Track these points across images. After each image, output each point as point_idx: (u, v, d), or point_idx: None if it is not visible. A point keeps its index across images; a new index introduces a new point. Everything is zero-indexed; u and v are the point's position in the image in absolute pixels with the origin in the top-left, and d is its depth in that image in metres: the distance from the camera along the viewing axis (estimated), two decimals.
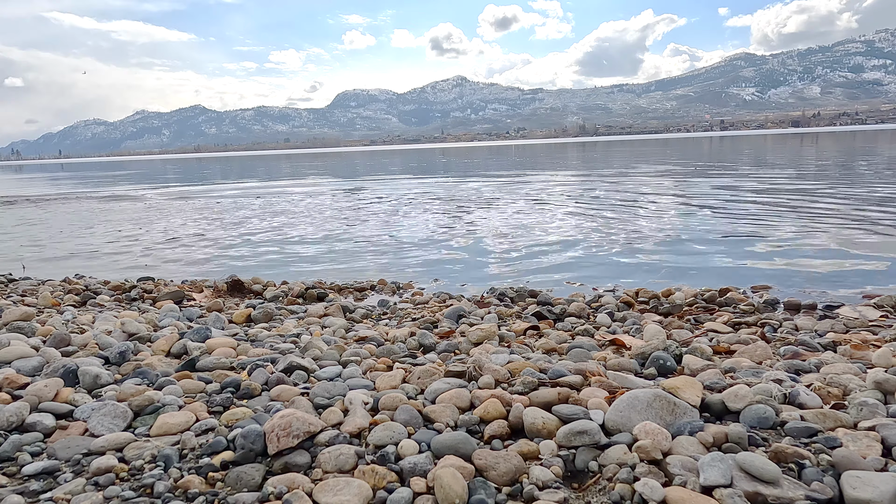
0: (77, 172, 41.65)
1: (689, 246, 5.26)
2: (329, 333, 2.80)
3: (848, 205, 7.40)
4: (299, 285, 3.98)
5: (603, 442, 1.41)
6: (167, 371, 2.05)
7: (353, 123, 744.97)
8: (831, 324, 2.74)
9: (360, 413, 1.61)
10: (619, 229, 6.35)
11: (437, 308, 3.40)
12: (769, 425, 1.49)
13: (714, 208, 7.73)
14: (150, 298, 3.76)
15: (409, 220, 7.88)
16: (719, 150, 32.48)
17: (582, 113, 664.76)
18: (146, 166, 54.43)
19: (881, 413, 1.50)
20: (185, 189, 16.86)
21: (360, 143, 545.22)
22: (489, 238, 6.16)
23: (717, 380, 1.77)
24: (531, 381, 1.77)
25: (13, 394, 1.75)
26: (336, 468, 1.37)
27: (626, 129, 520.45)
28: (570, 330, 2.86)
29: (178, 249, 6.22)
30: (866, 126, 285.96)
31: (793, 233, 5.62)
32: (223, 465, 1.40)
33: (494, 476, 1.33)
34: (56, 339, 2.33)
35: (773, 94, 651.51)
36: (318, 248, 6.05)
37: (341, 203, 10.76)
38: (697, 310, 3.17)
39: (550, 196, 10.37)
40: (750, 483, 1.20)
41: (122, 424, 1.62)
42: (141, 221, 8.93)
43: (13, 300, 3.53)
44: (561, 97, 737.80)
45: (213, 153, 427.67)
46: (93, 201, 13.34)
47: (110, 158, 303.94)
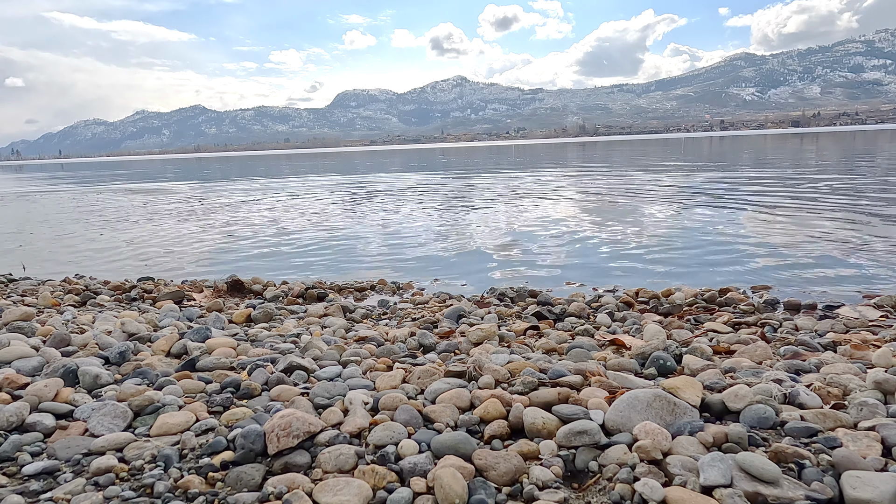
0: (78, 172, 41.65)
1: (689, 246, 5.26)
2: (329, 333, 2.80)
3: (848, 204, 7.40)
4: (299, 285, 3.98)
5: (603, 442, 1.41)
6: (167, 371, 2.05)
7: (353, 123, 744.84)
8: (831, 324, 2.74)
9: (360, 413, 1.60)
10: (619, 229, 6.35)
11: (437, 308, 3.40)
12: (769, 425, 1.49)
13: (714, 208, 7.73)
14: (150, 298, 3.76)
15: (409, 220, 7.87)
16: (719, 150, 32.47)
17: (582, 113, 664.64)
18: (148, 166, 54.47)
19: (881, 413, 1.50)
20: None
21: (360, 144, 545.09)
22: (489, 238, 6.16)
23: (717, 380, 1.77)
24: (531, 381, 1.77)
25: (13, 394, 1.75)
26: (336, 468, 1.37)
27: (626, 129, 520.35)
28: (570, 330, 2.86)
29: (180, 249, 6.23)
30: (866, 126, 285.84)
31: (793, 232, 5.62)
32: (223, 465, 1.39)
33: (494, 476, 1.33)
34: (56, 339, 2.33)
35: (773, 94, 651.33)
36: (317, 247, 6.05)
37: (341, 203, 10.76)
38: (697, 310, 3.17)
39: (550, 196, 10.37)
40: (750, 483, 1.20)
41: (122, 424, 1.62)
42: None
43: (13, 300, 3.53)
44: (561, 97, 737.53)
45: (213, 153, 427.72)
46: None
47: (110, 158, 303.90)
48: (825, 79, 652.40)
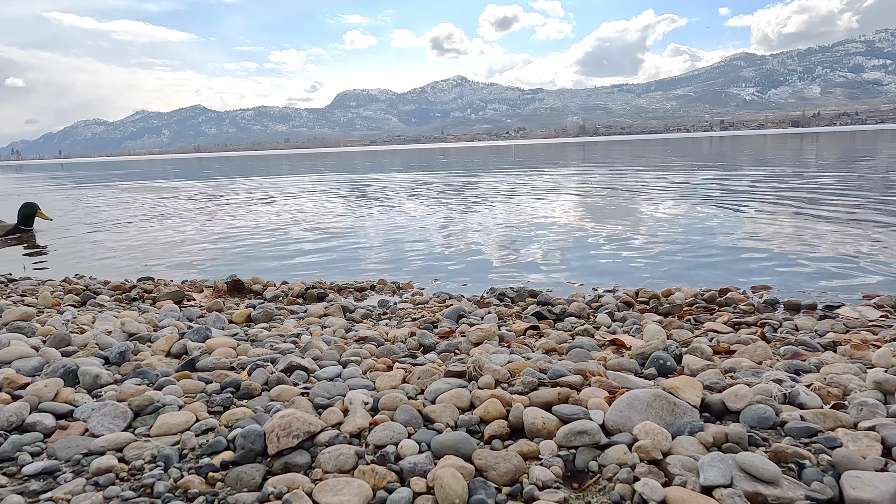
0: (79, 172, 41.64)
1: (689, 246, 5.25)
2: (329, 333, 2.80)
3: (848, 204, 7.40)
4: (299, 285, 3.98)
5: (603, 442, 1.41)
6: (167, 371, 2.05)
7: (353, 123, 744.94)
8: (831, 324, 2.74)
9: (360, 413, 1.61)
10: (619, 229, 6.35)
11: (437, 308, 3.40)
12: (769, 425, 1.49)
13: (714, 208, 7.73)
14: (150, 298, 3.76)
15: (409, 220, 7.87)
16: (719, 150, 32.47)
17: (582, 113, 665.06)
18: (148, 166, 54.48)
19: (881, 413, 1.50)
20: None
21: (360, 144, 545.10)
22: (489, 238, 6.16)
23: (717, 380, 1.77)
24: (531, 381, 1.77)
25: (13, 394, 1.75)
26: (336, 468, 1.37)
27: (626, 129, 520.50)
28: (570, 330, 2.86)
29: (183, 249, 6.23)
30: (866, 126, 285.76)
31: (793, 232, 5.62)
32: (223, 465, 1.40)
33: (494, 476, 1.33)
34: (56, 339, 2.33)
35: (773, 94, 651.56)
36: (317, 247, 6.05)
37: (341, 202, 10.77)
38: (697, 310, 3.17)
39: (550, 195, 10.37)
40: (750, 483, 1.20)
41: (122, 424, 1.62)
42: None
43: (13, 300, 3.53)
44: (561, 97, 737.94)
45: (213, 153, 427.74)
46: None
47: (110, 158, 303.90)
48: (825, 79, 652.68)
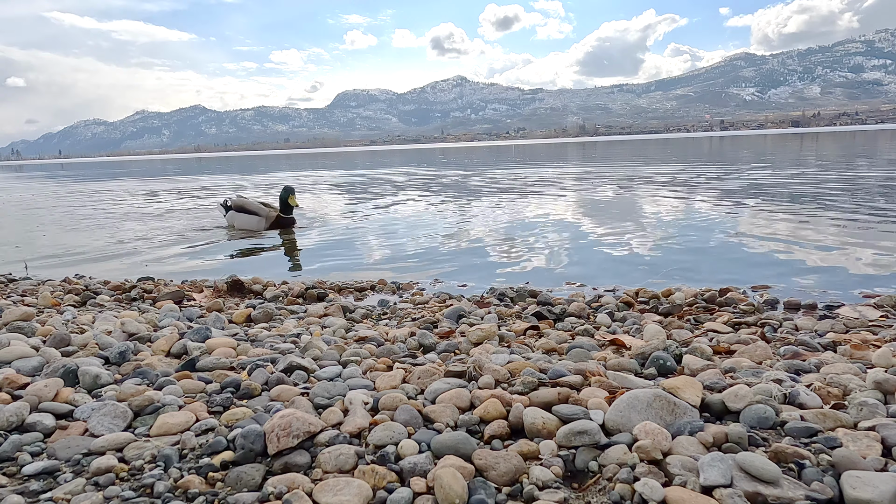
0: (79, 172, 41.63)
1: (689, 246, 5.25)
2: (329, 333, 2.80)
3: (848, 204, 7.40)
4: (299, 285, 3.98)
5: (603, 442, 1.41)
6: (167, 371, 2.05)
7: (353, 123, 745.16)
8: (831, 324, 2.74)
9: (360, 413, 1.60)
10: (619, 228, 6.35)
11: (437, 308, 3.40)
12: (769, 425, 1.49)
13: (714, 207, 7.73)
14: (150, 298, 3.76)
15: (409, 220, 7.87)
16: (719, 150, 32.46)
17: (582, 113, 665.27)
18: (148, 165, 54.47)
19: (881, 413, 1.50)
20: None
21: (360, 144, 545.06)
22: (489, 237, 6.16)
23: (717, 380, 1.77)
24: (531, 381, 1.77)
25: (13, 394, 1.75)
26: (336, 468, 1.37)
27: (626, 129, 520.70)
28: (570, 330, 2.86)
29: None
30: (866, 126, 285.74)
31: (793, 232, 5.62)
32: (223, 465, 1.39)
33: (494, 476, 1.33)
34: (56, 339, 2.33)
35: (773, 94, 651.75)
36: (316, 247, 6.05)
37: (341, 202, 10.76)
38: (697, 310, 3.17)
39: (550, 195, 10.37)
40: (750, 483, 1.20)
41: (122, 424, 1.62)
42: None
43: (13, 300, 3.53)
44: (561, 97, 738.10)
45: (213, 153, 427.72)
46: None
47: (111, 158, 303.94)
48: (825, 79, 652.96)
